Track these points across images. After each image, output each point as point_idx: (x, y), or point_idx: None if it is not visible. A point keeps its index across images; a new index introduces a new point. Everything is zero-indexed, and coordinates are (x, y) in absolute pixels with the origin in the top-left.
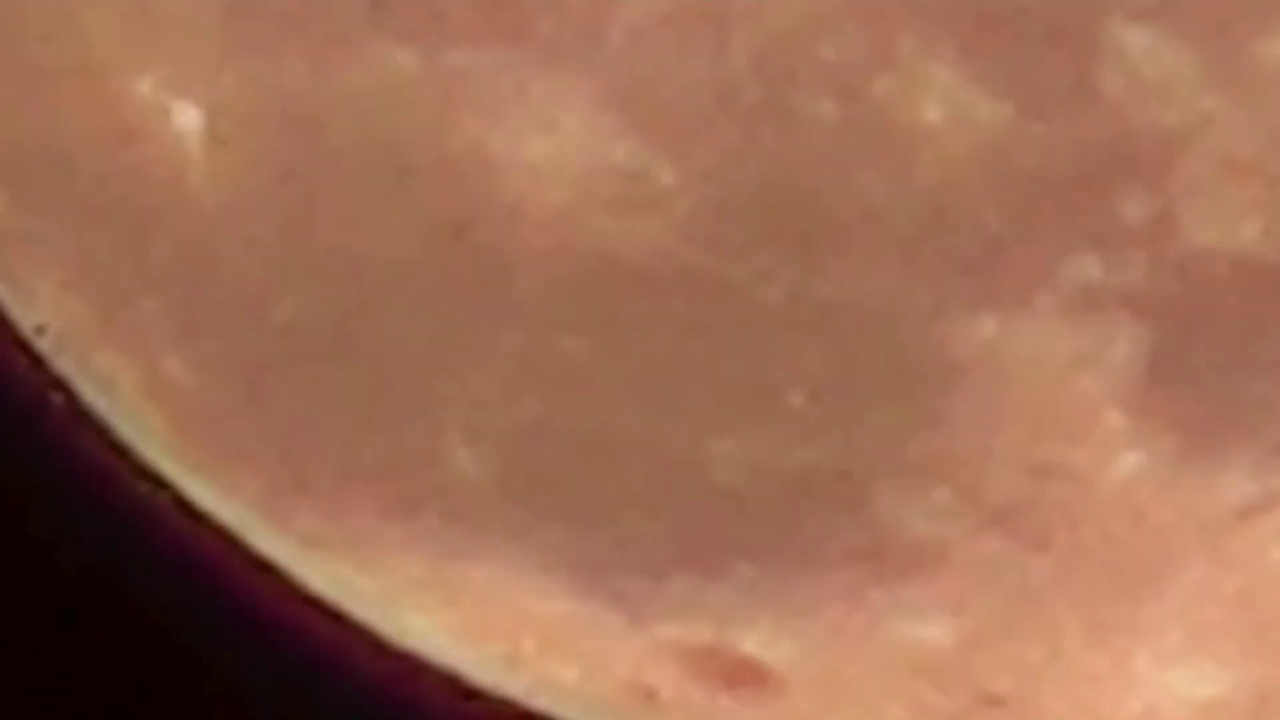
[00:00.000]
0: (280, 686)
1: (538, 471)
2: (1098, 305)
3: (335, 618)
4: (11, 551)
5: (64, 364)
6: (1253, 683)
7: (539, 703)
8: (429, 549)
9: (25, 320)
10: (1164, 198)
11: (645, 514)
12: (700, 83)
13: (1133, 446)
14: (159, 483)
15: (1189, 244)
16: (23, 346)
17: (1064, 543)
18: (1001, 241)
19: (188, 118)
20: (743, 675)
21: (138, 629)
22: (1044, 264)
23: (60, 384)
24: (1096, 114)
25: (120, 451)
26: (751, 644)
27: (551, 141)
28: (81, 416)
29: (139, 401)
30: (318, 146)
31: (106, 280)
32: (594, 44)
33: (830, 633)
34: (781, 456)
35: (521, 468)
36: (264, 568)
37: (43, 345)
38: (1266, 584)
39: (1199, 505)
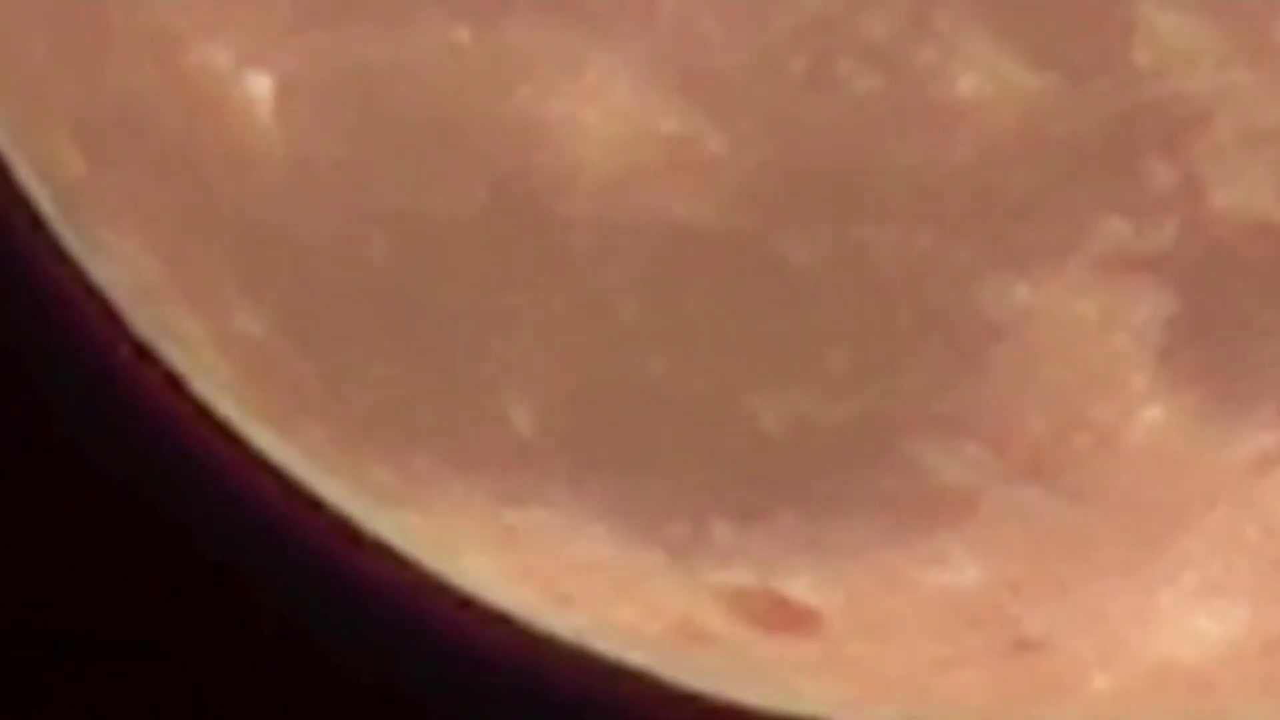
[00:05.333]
0: (341, 627)
1: (589, 425)
2: (1126, 268)
3: (397, 560)
4: (84, 500)
5: (136, 316)
6: (1268, 625)
7: (591, 642)
8: (487, 497)
9: (100, 274)
10: (1190, 165)
11: (691, 465)
12: (747, 54)
13: (1158, 401)
14: (228, 431)
15: (1212, 209)
16: (97, 299)
17: (1091, 492)
18: (1035, 208)
19: (259, 85)
20: (788, 617)
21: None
22: (1075, 229)
23: (132, 335)
24: (1127, 85)
25: (189, 400)
26: (795, 588)
27: (603, 110)
28: (153, 367)
29: (209, 353)
30: (380, 114)
31: (179, 237)
32: (644, 15)
33: (870, 576)
34: (822, 410)
35: (574, 421)
36: (326, 511)
37: (116, 298)
38: None
39: (1220, 456)
